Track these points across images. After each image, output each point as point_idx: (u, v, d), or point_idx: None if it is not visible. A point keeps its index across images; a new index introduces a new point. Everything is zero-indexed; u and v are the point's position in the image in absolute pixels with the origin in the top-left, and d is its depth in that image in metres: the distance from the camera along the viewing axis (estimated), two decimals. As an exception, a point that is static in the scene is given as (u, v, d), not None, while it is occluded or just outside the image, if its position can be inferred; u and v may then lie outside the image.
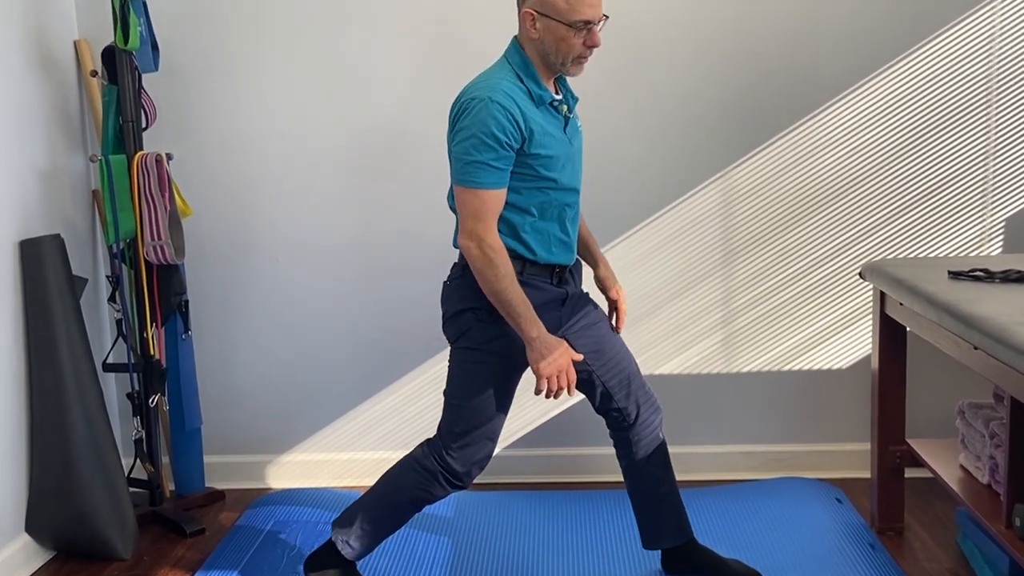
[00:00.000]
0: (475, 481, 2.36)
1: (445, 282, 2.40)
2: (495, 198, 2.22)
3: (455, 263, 2.37)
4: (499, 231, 2.25)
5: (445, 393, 2.42)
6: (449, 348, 2.42)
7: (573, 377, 2.27)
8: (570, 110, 2.34)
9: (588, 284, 2.51)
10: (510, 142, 2.19)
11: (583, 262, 2.54)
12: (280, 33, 3.19)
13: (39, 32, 2.97)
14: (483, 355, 2.34)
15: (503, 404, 2.39)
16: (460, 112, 2.23)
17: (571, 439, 3.33)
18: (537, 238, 2.30)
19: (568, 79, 2.38)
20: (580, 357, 2.30)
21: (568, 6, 2.17)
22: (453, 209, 2.32)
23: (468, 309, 2.32)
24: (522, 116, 2.20)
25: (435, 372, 3.33)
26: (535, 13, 2.21)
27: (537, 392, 2.26)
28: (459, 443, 2.38)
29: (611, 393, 2.44)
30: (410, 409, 3.36)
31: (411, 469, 2.42)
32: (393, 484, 2.46)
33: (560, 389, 2.26)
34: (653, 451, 2.50)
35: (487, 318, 2.30)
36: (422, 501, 2.44)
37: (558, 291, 2.35)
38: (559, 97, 2.32)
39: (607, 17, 2.25)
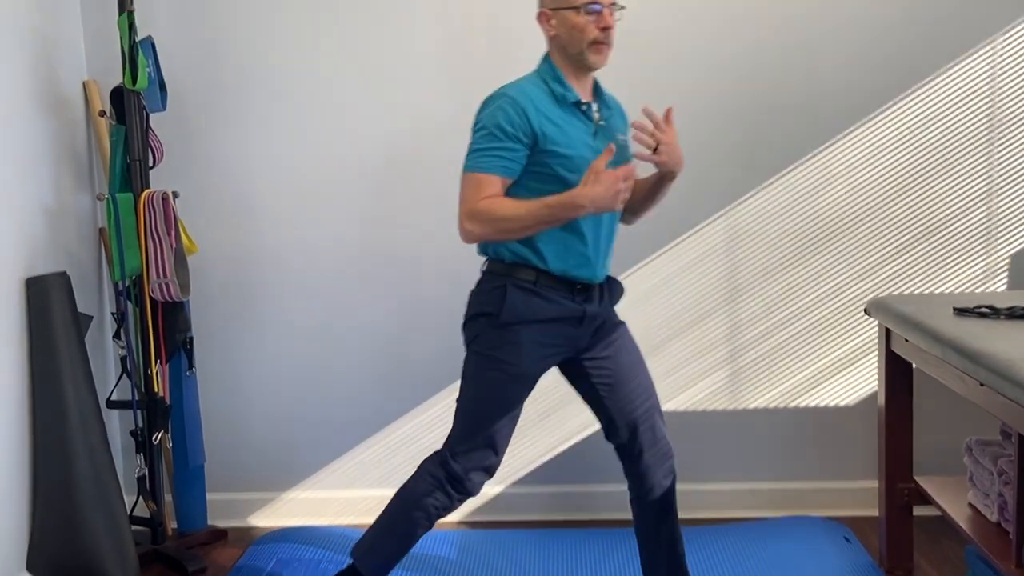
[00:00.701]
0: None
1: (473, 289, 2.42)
2: (491, 182, 2.22)
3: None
4: (510, 246, 2.29)
5: (457, 399, 2.43)
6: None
7: (624, 174, 2.16)
8: (603, 118, 2.33)
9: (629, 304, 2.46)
10: (517, 134, 2.21)
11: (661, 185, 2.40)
12: (286, 73, 3.22)
13: (49, 72, 3.01)
14: (491, 362, 2.34)
15: (508, 413, 2.36)
16: (478, 111, 2.30)
17: (577, 476, 3.31)
18: (552, 248, 2.28)
19: (609, 94, 2.38)
20: (609, 153, 2.16)
21: None
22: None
23: (481, 314, 2.33)
24: (535, 111, 2.23)
25: (439, 409, 3.32)
26: (549, 11, 2.27)
27: None
28: (461, 448, 2.37)
29: (614, 428, 2.43)
30: (414, 446, 3.35)
31: (420, 478, 2.42)
32: (406, 494, 2.46)
33: (628, 189, 2.18)
34: (654, 497, 2.46)
35: (496, 324, 2.30)
36: (431, 508, 2.40)
37: (574, 307, 2.31)
38: (587, 101, 2.31)
39: (622, 7, 2.26)
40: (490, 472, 2.41)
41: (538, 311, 2.28)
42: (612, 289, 2.42)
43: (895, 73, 3.11)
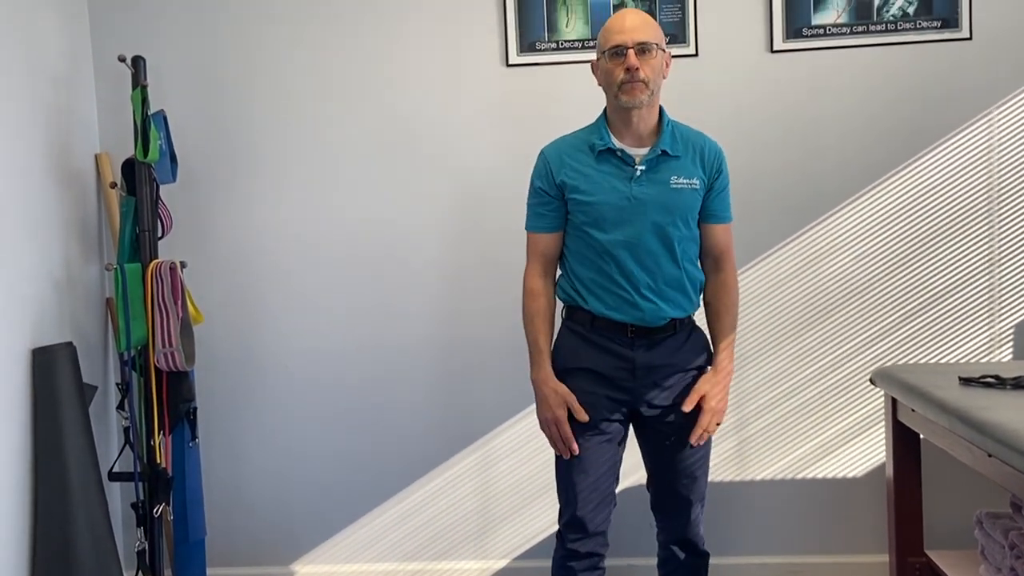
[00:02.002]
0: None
1: None
2: (534, 241, 2.39)
3: None
4: (562, 286, 2.38)
5: None
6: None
7: (565, 434, 2.28)
8: (651, 164, 2.28)
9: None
10: (545, 188, 2.35)
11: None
12: (296, 148, 3.28)
13: (62, 146, 3.06)
14: None
15: (573, 467, 2.34)
16: None
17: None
18: (590, 289, 2.32)
19: (692, 141, 2.36)
20: (574, 412, 2.28)
21: (603, 39, 2.30)
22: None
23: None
24: (559, 162, 2.32)
25: (442, 480, 3.29)
26: (595, 62, 2.34)
27: None
28: (559, 500, 2.42)
29: (650, 486, 2.46)
30: (418, 518, 3.31)
31: None
32: None
33: (553, 441, 2.30)
34: (669, 570, 2.48)
35: (557, 370, 2.38)
36: (558, 563, 2.43)
37: (624, 353, 2.30)
38: (622, 146, 2.30)
39: (659, 47, 2.26)
40: (578, 528, 2.35)
41: (584, 359, 2.31)
42: (690, 339, 2.35)
43: (895, 144, 3.15)
